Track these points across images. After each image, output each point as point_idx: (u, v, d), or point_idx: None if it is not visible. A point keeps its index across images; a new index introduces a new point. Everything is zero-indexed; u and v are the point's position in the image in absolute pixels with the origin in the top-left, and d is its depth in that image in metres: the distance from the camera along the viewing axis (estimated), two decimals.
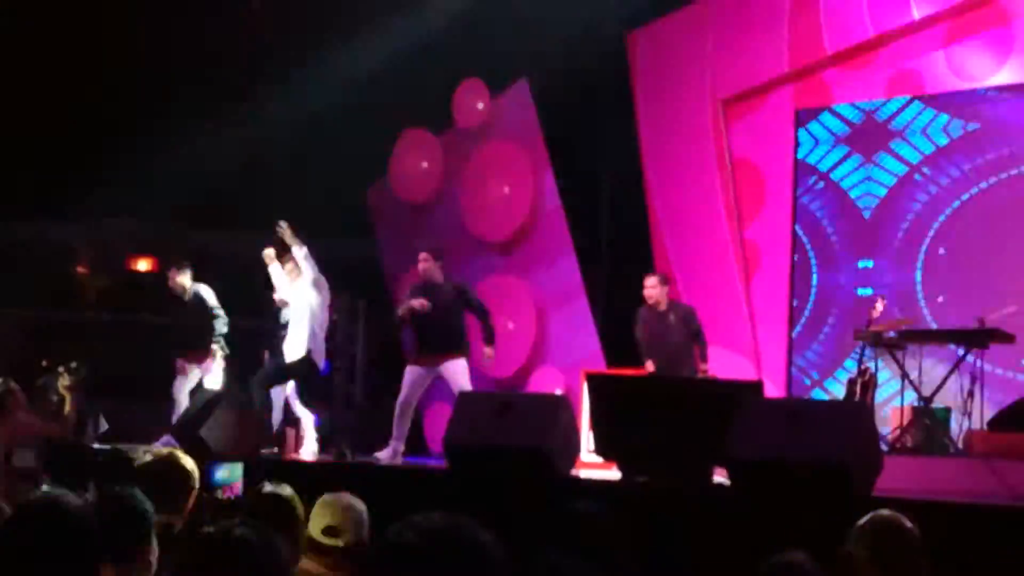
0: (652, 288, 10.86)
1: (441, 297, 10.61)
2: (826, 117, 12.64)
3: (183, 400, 11.33)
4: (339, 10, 14.09)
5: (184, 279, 11.32)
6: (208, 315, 11.29)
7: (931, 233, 11.96)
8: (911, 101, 12.10)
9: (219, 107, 14.80)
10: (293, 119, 14.95)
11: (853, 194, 12.44)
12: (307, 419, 11.39)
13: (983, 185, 11.75)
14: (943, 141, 11.93)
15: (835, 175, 12.58)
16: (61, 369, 10.70)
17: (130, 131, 15.11)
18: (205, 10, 14.46)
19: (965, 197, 11.82)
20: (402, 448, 10.50)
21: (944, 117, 11.91)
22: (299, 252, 10.65)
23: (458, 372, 10.49)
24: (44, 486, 7.71)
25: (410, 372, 10.73)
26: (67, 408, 10.71)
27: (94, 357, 12.38)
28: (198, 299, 11.33)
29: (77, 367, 10.80)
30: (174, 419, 11.26)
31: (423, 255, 10.69)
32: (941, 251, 11.87)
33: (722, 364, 12.34)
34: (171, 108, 15.08)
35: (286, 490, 4.98)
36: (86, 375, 10.88)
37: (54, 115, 15.23)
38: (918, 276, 11.94)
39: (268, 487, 5.00)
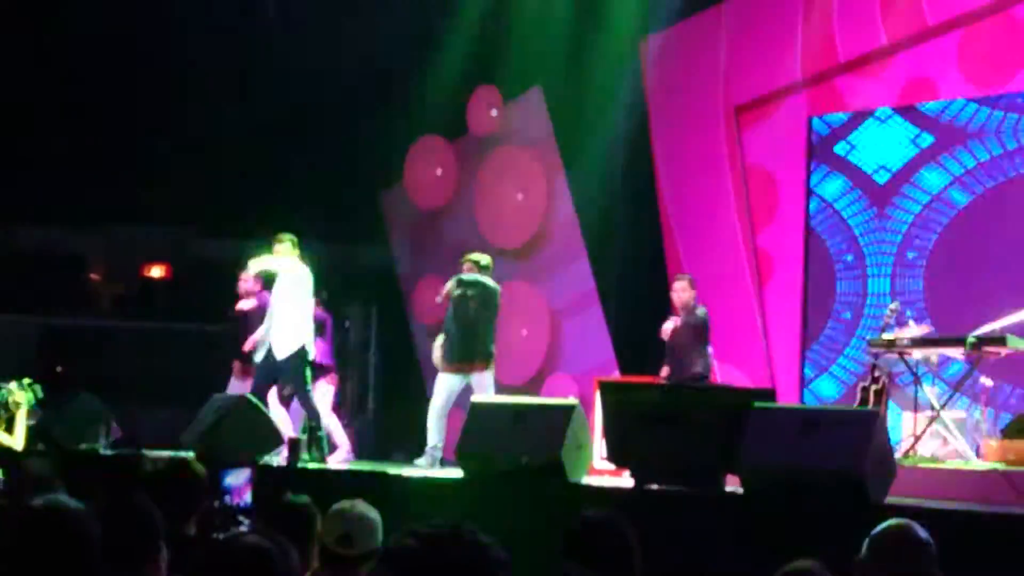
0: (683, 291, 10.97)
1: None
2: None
3: None
4: (354, 12, 14.10)
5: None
6: None
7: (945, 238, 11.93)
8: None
9: (230, 113, 14.82)
10: (306, 126, 14.98)
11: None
12: (335, 424, 11.47)
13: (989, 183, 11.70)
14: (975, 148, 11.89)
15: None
16: (13, 386, 10.69)
17: (143, 138, 15.15)
18: (216, 20, 14.48)
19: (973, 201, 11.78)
20: (440, 454, 10.74)
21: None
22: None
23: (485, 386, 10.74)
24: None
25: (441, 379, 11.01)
26: (18, 424, 10.69)
27: (108, 363, 12.42)
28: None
29: (32, 383, 10.81)
30: None
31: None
32: (956, 257, 11.83)
33: (734, 371, 12.32)
34: (185, 115, 15.11)
35: (303, 499, 4.99)
36: (43, 395, 10.89)
37: (67, 122, 15.26)
38: (929, 283, 11.91)
39: (287, 496, 5.01)
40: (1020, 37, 11.42)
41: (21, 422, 10.66)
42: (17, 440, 10.61)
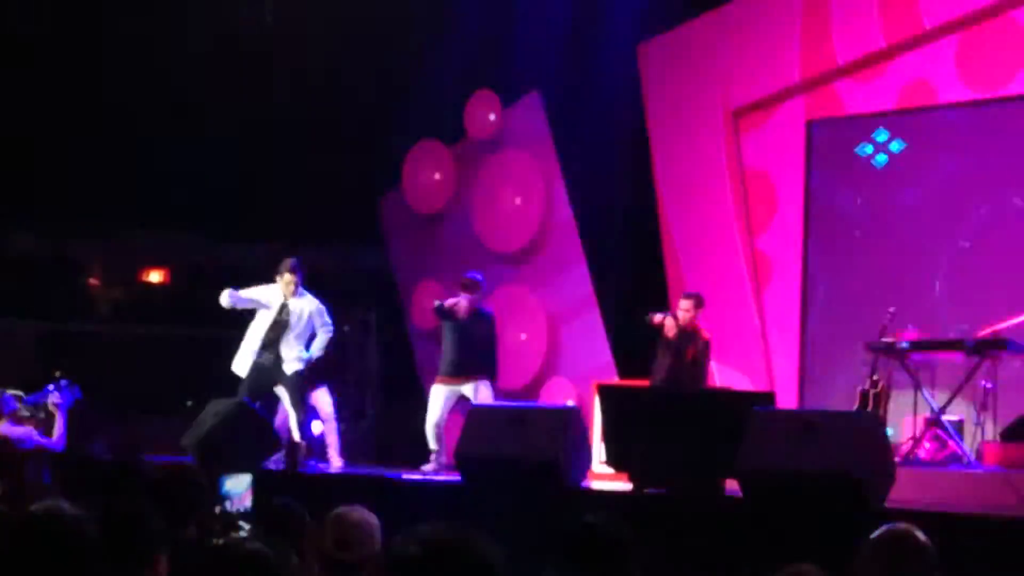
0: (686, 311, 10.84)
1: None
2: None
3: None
4: (354, 14, 14.11)
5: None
6: None
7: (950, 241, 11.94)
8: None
9: (230, 118, 14.82)
10: (305, 130, 14.98)
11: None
12: (330, 429, 11.48)
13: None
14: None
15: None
16: (51, 387, 10.67)
17: (142, 142, 15.14)
18: (210, 21, 14.48)
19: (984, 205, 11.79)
20: (444, 459, 10.74)
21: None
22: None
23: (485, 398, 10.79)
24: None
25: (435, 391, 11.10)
26: (56, 425, 10.64)
27: (106, 370, 12.40)
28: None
29: (71, 383, 10.76)
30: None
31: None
32: (959, 260, 11.83)
33: (734, 375, 12.32)
34: (183, 118, 15.10)
35: (287, 500, 5.00)
36: (79, 393, 10.82)
37: (66, 126, 15.26)
38: (935, 286, 11.91)
39: (278, 500, 5.02)
40: (1018, 40, 11.43)
41: (60, 423, 10.59)
42: (58, 441, 10.54)
